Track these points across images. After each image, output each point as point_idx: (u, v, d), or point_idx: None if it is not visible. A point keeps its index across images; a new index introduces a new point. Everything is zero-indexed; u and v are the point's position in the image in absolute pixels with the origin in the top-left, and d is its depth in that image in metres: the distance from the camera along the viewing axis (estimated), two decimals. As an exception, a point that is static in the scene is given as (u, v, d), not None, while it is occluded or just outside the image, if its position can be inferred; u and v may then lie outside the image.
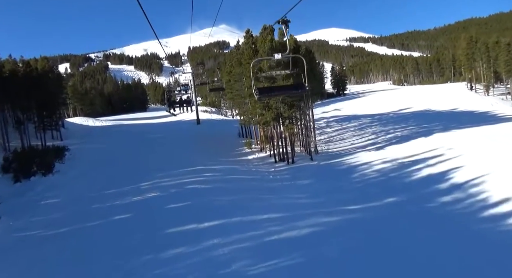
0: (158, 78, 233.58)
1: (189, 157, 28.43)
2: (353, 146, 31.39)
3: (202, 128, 45.99)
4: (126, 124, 55.49)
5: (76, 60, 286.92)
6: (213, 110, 69.18)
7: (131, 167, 25.17)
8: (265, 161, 28.14)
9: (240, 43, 32.49)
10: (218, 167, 24.68)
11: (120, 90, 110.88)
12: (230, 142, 37.01)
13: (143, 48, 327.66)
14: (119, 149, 32.35)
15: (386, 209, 15.31)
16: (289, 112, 25.80)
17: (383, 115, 46.85)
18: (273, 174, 23.42)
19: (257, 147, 33.67)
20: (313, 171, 23.84)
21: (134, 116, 73.56)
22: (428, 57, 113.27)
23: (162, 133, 42.52)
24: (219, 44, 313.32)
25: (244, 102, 35.74)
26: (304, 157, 28.48)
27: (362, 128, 39.99)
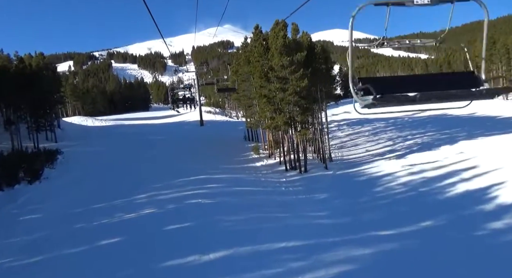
0: (161, 77, 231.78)
1: (191, 163, 25.99)
2: (369, 153, 28.83)
3: (206, 131, 43.58)
4: (127, 124, 53.21)
5: (80, 58, 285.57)
6: (217, 111, 66.83)
7: (127, 175, 22.76)
8: (275, 168, 25.65)
9: (248, 40, 29.95)
10: (223, 176, 22.22)
11: (122, 89, 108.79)
12: (235, 146, 34.55)
13: (147, 47, 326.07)
14: (116, 153, 29.97)
15: (425, 236, 12.77)
16: (302, 116, 23.31)
17: (398, 119, 44.16)
18: (285, 185, 20.93)
19: (265, 152, 31.18)
20: (329, 182, 21.32)
21: (136, 116, 71.32)
22: (439, 59, 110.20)
23: (163, 135, 40.14)
24: (223, 44, 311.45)
25: (251, 103, 33.31)
26: (317, 165, 25.98)
27: (376, 133, 37.39)
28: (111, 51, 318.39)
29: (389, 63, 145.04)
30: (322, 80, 24.70)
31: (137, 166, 25.29)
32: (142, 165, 25.38)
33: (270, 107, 23.87)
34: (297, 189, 20.21)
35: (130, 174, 23.08)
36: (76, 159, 27.45)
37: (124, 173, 23.24)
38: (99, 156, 28.64)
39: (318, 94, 24.64)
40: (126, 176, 22.54)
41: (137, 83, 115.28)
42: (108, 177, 22.49)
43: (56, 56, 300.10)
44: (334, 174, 23.28)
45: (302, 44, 23.91)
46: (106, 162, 26.42)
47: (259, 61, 24.90)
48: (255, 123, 30.69)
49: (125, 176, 22.45)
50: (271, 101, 24.25)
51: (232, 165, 26.39)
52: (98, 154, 29.44)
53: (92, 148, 31.77)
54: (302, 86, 22.56)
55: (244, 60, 29.60)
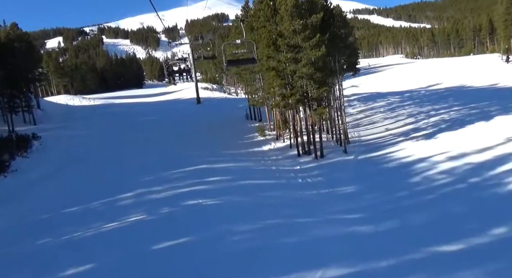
0: (155, 52, 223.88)
1: (188, 149, 22.44)
2: (390, 133, 25.36)
3: (203, 109, 39.70)
4: (117, 103, 49.07)
5: (70, 34, 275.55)
6: (215, 87, 62.50)
7: (112, 165, 19.22)
8: (285, 153, 22.15)
9: (250, 3, 25.62)
10: (226, 165, 18.71)
11: (113, 66, 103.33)
12: (237, 127, 30.87)
13: (139, 22, 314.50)
14: (102, 137, 26.27)
15: (505, 252, 9.44)
16: (318, 92, 19.52)
17: (413, 93, 40.40)
18: (301, 176, 17.47)
19: (272, 133, 27.58)
20: (353, 171, 17.91)
21: (127, 94, 66.85)
22: (446, 28, 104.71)
23: (156, 115, 36.31)
24: (218, 17, 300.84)
25: (254, 78, 29.35)
26: (333, 148, 22.49)
27: (393, 109, 33.75)
28: (102, 26, 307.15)
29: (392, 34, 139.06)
30: (341, 48, 20.79)
31: (124, 153, 21.70)
32: (131, 152, 21.79)
33: (280, 82, 20.02)
34: (317, 180, 16.78)
35: (116, 163, 19.53)
36: (55, 145, 23.77)
37: (109, 162, 19.68)
38: (82, 141, 24.95)
39: (337, 65, 20.78)
40: (111, 166, 19.01)
41: (129, 59, 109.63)
42: (89, 167, 18.94)
43: (45, 32, 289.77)
44: (356, 159, 19.84)
45: (316, 4, 19.77)
46: (89, 149, 22.79)
47: (265, 26, 20.80)
48: (259, 101, 26.87)
49: (110, 166, 18.91)
50: (280, 74, 20.38)
51: (236, 149, 22.85)
52: (81, 138, 25.73)
53: (75, 131, 28.00)
54: (318, 56, 18.67)
55: (246, 27, 25.35)
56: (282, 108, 21.66)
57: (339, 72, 21.10)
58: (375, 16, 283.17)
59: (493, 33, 73.59)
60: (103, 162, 19.92)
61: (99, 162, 19.86)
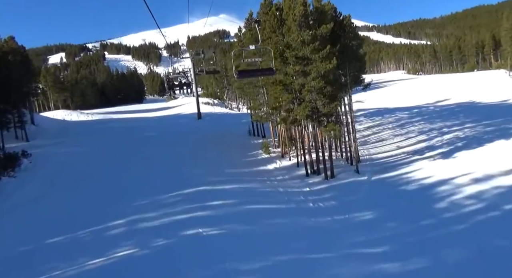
0: (156, 68, 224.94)
1: (189, 167, 20.91)
2: (401, 151, 23.84)
3: (204, 125, 38.34)
4: (116, 118, 47.86)
5: (72, 50, 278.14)
6: (216, 102, 61.38)
7: (104, 186, 17.65)
8: (292, 172, 20.59)
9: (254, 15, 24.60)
10: (229, 186, 17.12)
11: (114, 80, 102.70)
12: (240, 143, 29.40)
13: (141, 38, 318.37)
14: (97, 154, 24.78)
15: None
16: (329, 107, 18.12)
17: (422, 109, 39.13)
18: (311, 199, 15.87)
19: (277, 150, 26.09)
20: (368, 193, 16.31)
21: (128, 109, 65.77)
22: (448, 44, 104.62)
23: (155, 131, 34.93)
24: (219, 34, 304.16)
25: (258, 92, 28.09)
26: (344, 167, 20.95)
27: (402, 125, 32.36)
28: (105, 42, 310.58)
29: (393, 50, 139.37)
30: (352, 61, 19.52)
31: (119, 172, 20.14)
32: (126, 172, 20.24)
33: (287, 96, 18.67)
34: (329, 204, 15.17)
35: (109, 184, 17.96)
36: (45, 163, 22.28)
37: (101, 183, 18.11)
38: (75, 158, 23.45)
39: (348, 79, 19.47)
40: (104, 187, 17.43)
41: (130, 74, 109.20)
42: (80, 188, 17.37)
43: (48, 48, 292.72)
44: (369, 180, 18.25)
45: (326, 14, 18.61)
46: (82, 168, 21.26)
47: (271, 37, 19.63)
48: (263, 117, 25.49)
49: (102, 188, 17.33)
50: (288, 88, 19.07)
51: (239, 168, 21.31)
52: (74, 156, 24.24)
53: (68, 148, 26.53)
54: (328, 69, 17.37)
55: (249, 39, 24.24)
56: (289, 125, 20.24)
57: (350, 86, 19.77)
58: (375, 33, 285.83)
59: (497, 49, 73.04)
60: (95, 182, 18.36)
61: (91, 182, 18.30)
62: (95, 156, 24.15)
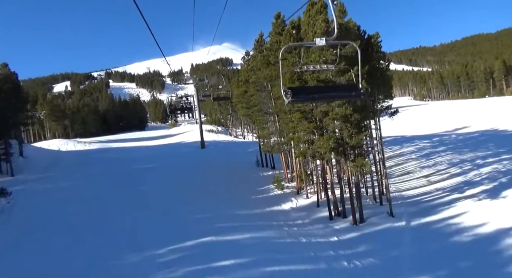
0: (160, 95, 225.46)
1: (191, 208, 17.85)
2: (435, 187, 20.74)
3: (208, 155, 35.51)
4: (115, 147, 45.18)
5: (77, 78, 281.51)
6: (220, 129, 58.92)
7: (88, 236, 14.55)
8: (313, 214, 17.42)
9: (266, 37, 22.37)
10: (239, 236, 13.97)
11: (116, 108, 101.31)
12: (247, 176, 26.44)
13: (146, 67, 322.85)
14: (86, 192, 21.79)
15: None
16: (357, 138, 15.26)
17: (443, 137, 36.24)
18: (343, 254, 12.65)
19: (290, 185, 23.07)
20: (412, 247, 13.09)
21: (128, 137, 63.42)
22: (455, 70, 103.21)
23: (155, 162, 32.05)
24: (222, 61, 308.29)
25: (267, 120, 25.45)
26: (372, 207, 17.79)
27: (427, 155, 29.36)
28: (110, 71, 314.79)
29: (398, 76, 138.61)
30: (380, 85, 16.94)
31: (109, 216, 17.08)
32: (117, 215, 17.17)
33: (307, 126, 15.87)
34: (368, 262, 11.95)
35: (95, 232, 14.87)
36: (26, 204, 19.33)
37: (85, 231, 15.03)
38: (60, 197, 20.46)
39: (377, 105, 16.78)
40: (87, 236, 14.34)
41: (133, 101, 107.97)
42: (57, 238, 14.27)
43: (54, 77, 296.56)
44: (409, 227, 15.06)
45: (350, 31, 16.20)
46: (65, 209, 18.22)
47: (286, 58, 17.11)
48: (274, 147, 22.66)
49: (85, 237, 14.25)
50: (307, 116, 16.32)
51: (250, 208, 18.21)
52: (60, 193, 21.28)
53: (55, 184, 23.63)
54: (357, 93, 14.64)
55: (260, 64, 21.83)
56: (309, 158, 17.33)
57: (378, 113, 17.01)
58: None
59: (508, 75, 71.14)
60: (78, 229, 15.29)
61: (73, 229, 15.23)
62: (83, 193, 21.13)
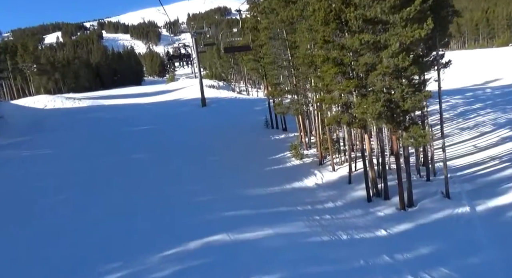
0: (156, 47, 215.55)
1: (191, 188, 14.45)
2: (486, 154, 17.16)
3: (210, 114, 31.67)
4: (107, 105, 41.15)
5: (69, 29, 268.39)
6: (221, 85, 54.27)
7: (62, 227, 11.24)
8: (345, 194, 14.02)
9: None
10: (260, 233, 10.56)
11: (110, 61, 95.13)
12: (257, 141, 22.90)
13: (140, 16, 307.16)
14: (69, 162, 18.31)
15: None
16: (414, 100, 11.32)
17: (477, 92, 32.02)
18: (402, 259, 9.34)
19: (309, 152, 19.55)
20: (495, 250, 9.76)
21: (123, 92, 59.03)
22: (474, 17, 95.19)
23: (151, 124, 28.39)
24: (220, 11, 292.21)
25: (281, 75, 21.29)
26: (418, 184, 14.32)
27: (462, 114, 25.51)
28: (103, 21, 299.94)
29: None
30: (446, 25, 12.68)
31: (92, 196, 13.69)
32: (101, 196, 13.78)
33: (347, 84, 11.82)
34: (443, 275, 8.64)
35: (70, 223, 11.56)
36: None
37: (61, 218, 11.71)
38: (37, 169, 17.03)
39: (437, 52, 12.61)
40: (61, 229, 11.03)
41: (127, 54, 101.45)
42: (27, 227, 10.98)
43: (44, 27, 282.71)
44: (476, 215, 11.66)
45: None
46: (42, 184, 14.83)
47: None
48: (296, 108, 18.76)
49: (59, 230, 10.94)
50: (345, 70, 12.23)
51: (266, 186, 14.80)
52: (38, 164, 17.86)
53: (35, 150, 20.13)
54: (419, 37, 10.51)
55: (276, 1, 17.16)
56: (349, 126, 13.53)
57: (438, 65, 12.88)
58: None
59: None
60: (52, 215, 11.95)
61: (47, 215, 11.91)
62: (65, 165, 17.67)
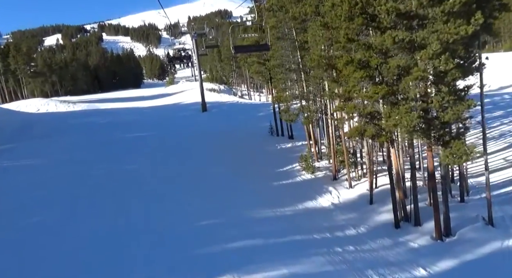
0: (156, 50, 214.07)
1: (188, 209, 12.54)
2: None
3: (211, 120, 29.79)
4: (103, 109, 39.30)
5: (69, 31, 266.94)
6: (222, 88, 52.44)
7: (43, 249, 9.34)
8: (367, 218, 12.10)
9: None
10: (274, 273, 8.66)
11: (108, 63, 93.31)
12: (262, 150, 21.01)
13: (141, 19, 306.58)
14: (55, 173, 16.40)
15: None
16: (456, 109, 9.43)
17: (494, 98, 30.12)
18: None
19: (321, 164, 17.64)
20: None
21: (121, 95, 57.20)
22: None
23: (148, 130, 26.51)
24: (220, 14, 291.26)
25: (290, 78, 19.44)
26: (453, 206, 12.38)
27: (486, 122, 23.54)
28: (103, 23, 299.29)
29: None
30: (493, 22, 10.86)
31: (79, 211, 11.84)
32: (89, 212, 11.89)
33: (375, 90, 9.92)
34: None
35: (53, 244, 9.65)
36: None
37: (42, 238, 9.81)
38: (19, 182, 15.11)
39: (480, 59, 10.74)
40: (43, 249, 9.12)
41: (126, 56, 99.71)
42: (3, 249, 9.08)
43: (44, 29, 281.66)
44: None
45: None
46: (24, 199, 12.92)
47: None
48: (305, 117, 16.86)
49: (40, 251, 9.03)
50: (372, 74, 10.35)
51: (275, 206, 12.90)
52: (21, 175, 15.93)
53: (16, 161, 18.20)
54: (464, 35, 8.66)
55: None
56: (371, 139, 11.64)
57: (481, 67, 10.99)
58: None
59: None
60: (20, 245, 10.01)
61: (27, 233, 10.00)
62: (49, 178, 15.71)
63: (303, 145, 21.39)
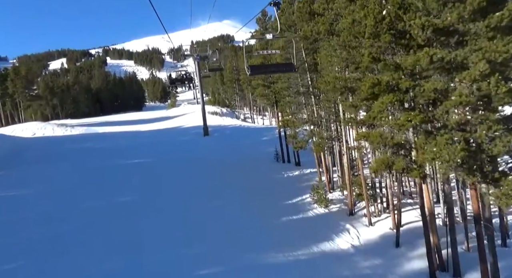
0: (159, 73, 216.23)
1: (187, 252, 10.78)
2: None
3: (213, 145, 28.20)
4: (102, 133, 37.88)
5: (74, 55, 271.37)
6: (225, 111, 51.25)
7: None
8: (394, 265, 10.32)
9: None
10: None
11: (111, 86, 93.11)
12: (268, 178, 19.34)
13: (145, 44, 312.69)
14: (37, 209, 14.68)
15: None
16: (506, 141, 7.90)
17: None
18: None
19: (334, 197, 15.93)
20: None
21: (122, 118, 56.13)
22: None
23: (147, 156, 24.84)
24: (223, 38, 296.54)
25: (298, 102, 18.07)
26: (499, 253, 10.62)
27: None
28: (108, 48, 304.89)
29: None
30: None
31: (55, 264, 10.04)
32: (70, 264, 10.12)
33: (408, 116, 8.43)
34: None
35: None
36: None
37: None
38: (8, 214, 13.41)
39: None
40: None
41: (128, 80, 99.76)
42: None
43: (49, 53, 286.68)
44: None
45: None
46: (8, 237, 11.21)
47: None
48: (316, 144, 15.33)
49: None
50: (403, 98, 8.88)
51: (287, 249, 11.13)
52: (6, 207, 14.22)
53: (8, 192, 16.52)
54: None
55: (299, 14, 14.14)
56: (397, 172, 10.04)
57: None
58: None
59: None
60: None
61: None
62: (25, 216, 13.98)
63: (311, 173, 19.79)
